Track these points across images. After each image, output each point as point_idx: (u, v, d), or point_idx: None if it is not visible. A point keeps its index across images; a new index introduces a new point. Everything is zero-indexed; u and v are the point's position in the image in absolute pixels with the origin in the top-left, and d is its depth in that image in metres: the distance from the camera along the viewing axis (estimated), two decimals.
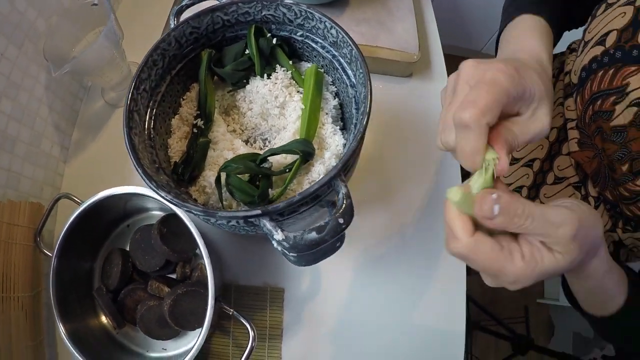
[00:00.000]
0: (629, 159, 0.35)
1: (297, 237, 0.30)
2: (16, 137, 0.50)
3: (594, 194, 0.42)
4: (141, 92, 0.39)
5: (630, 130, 0.34)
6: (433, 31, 0.60)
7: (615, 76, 0.35)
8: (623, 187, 0.36)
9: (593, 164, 0.40)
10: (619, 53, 0.34)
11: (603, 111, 0.36)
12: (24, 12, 0.50)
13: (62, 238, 0.45)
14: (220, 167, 0.36)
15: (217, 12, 0.41)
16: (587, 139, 0.40)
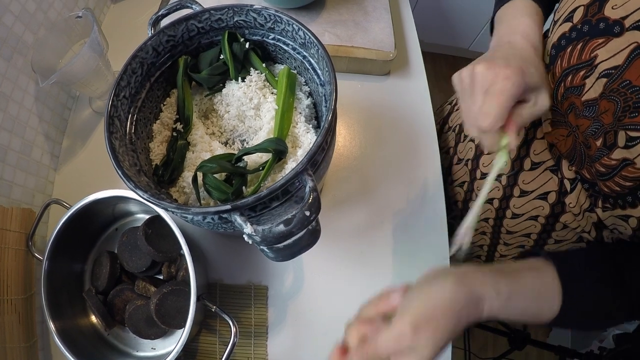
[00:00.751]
0: (602, 133, 0.35)
1: (266, 230, 0.32)
2: (7, 146, 0.52)
3: (569, 176, 0.43)
4: (121, 98, 0.41)
5: (601, 102, 0.34)
6: (410, 29, 0.63)
7: (583, 50, 0.36)
8: (599, 163, 0.36)
9: (568, 143, 0.41)
10: (586, 27, 0.35)
11: (574, 87, 0.37)
12: (11, 26, 0.53)
13: (52, 241, 0.48)
14: (197, 167, 0.39)
15: (192, 20, 0.44)
16: (561, 117, 0.41)
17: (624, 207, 0.36)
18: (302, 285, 0.49)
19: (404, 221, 0.53)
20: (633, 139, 0.32)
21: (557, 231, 0.49)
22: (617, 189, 0.36)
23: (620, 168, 0.34)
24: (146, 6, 0.69)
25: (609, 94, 0.34)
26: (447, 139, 0.61)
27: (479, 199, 0.37)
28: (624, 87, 0.32)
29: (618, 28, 0.32)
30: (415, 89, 0.59)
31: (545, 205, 0.47)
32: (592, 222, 0.44)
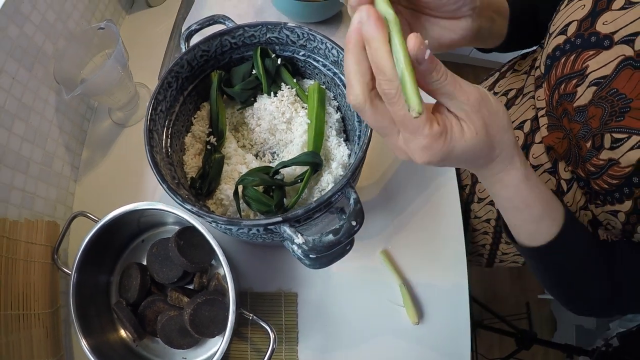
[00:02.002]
0: (591, 136, 0.39)
1: (316, 240, 0.35)
2: (29, 157, 0.54)
3: (566, 177, 0.47)
4: (158, 112, 0.43)
5: (590, 108, 0.39)
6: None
7: (576, 61, 0.40)
8: (589, 163, 0.41)
9: (564, 144, 0.45)
10: (579, 40, 0.40)
11: (567, 94, 0.41)
12: (32, 36, 0.54)
13: (81, 255, 0.49)
14: (237, 181, 0.41)
15: (226, 36, 0.46)
16: (556, 121, 0.45)
17: (612, 203, 0.40)
18: (330, 291, 0.52)
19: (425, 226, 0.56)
20: (617, 140, 0.37)
21: None
22: (606, 187, 0.40)
23: (607, 167, 0.39)
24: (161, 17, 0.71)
25: (598, 101, 0.38)
26: None
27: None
28: (611, 94, 0.37)
29: (608, 42, 0.37)
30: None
31: None
32: (588, 219, 0.48)
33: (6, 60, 0.50)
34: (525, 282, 1.26)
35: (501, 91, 0.58)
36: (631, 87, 0.36)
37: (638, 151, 0.35)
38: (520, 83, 0.56)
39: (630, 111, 0.36)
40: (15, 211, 0.51)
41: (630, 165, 0.36)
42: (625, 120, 0.36)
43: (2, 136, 0.49)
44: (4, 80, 0.50)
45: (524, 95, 0.53)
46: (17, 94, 0.52)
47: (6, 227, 0.48)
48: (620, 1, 0.37)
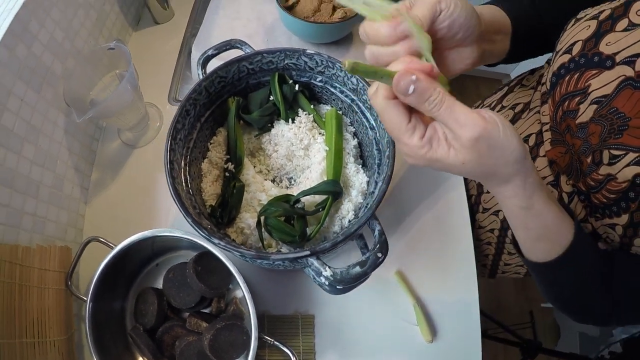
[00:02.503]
0: (591, 152, 0.41)
1: (344, 272, 0.36)
2: (40, 181, 0.53)
3: (567, 190, 0.49)
4: (177, 141, 0.44)
5: (591, 125, 0.41)
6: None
7: (579, 79, 0.42)
8: (589, 177, 0.43)
9: (566, 159, 0.47)
10: (583, 59, 0.42)
11: (570, 110, 0.43)
12: (40, 55, 0.54)
13: (96, 281, 0.49)
14: (260, 211, 0.42)
15: (243, 62, 0.47)
16: (559, 136, 0.47)
17: (610, 217, 0.42)
18: (347, 312, 0.53)
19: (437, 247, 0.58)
20: (615, 156, 0.39)
21: None
22: (605, 200, 0.42)
23: (605, 182, 0.41)
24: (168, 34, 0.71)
25: (598, 119, 0.40)
26: None
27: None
28: (611, 113, 0.39)
29: (610, 62, 0.39)
30: None
31: None
32: (588, 232, 0.50)
33: (15, 82, 0.50)
34: (529, 292, 1.28)
35: (509, 105, 0.60)
36: (630, 106, 0.38)
37: (634, 167, 0.37)
38: (527, 98, 0.57)
39: (628, 129, 0.38)
40: (26, 236, 0.50)
41: (627, 180, 0.38)
42: (623, 138, 0.38)
43: (11, 160, 0.49)
44: (12, 103, 0.49)
45: (530, 109, 0.55)
46: (26, 116, 0.52)
47: (19, 254, 0.48)
48: (623, 23, 0.39)
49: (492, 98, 0.66)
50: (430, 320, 0.54)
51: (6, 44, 0.48)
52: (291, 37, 0.62)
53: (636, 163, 0.37)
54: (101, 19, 0.65)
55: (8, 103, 0.48)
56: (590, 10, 0.44)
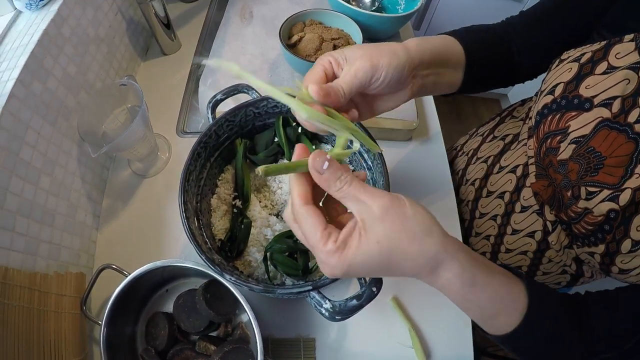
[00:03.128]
0: (570, 187, 0.45)
1: (342, 305, 0.40)
2: (55, 210, 0.57)
3: (550, 219, 0.52)
4: (190, 182, 0.48)
5: (570, 163, 0.44)
6: (428, 97, 0.72)
7: (560, 120, 0.45)
8: (570, 210, 0.46)
9: (549, 191, 0.50)
10: (564, 101, 0.45)
11: (552, 148, 0.47)
12: (55, 90, 0.57)
13: (110, 307, 0.53)
14: (266, 247, 0.46)
15: (250, 107, 0.51)
16: (543, 171, 0.51)
17: (589, 246, 0.46)
18: (346, 335, 0.57)
19: None
20: (591, 193, 0.42)
21: (543, 264, 0.59)
22: (583, 231, 0.46)
23: (583, 215, 0.44)
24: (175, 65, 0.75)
25: (576, 157, 0.44)
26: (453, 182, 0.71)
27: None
28: (589, 152, 0.42)
29: (588, 104, 0.43)
30: (435, 152, 0.68)
31: (533, 242, 0.57)
32: (572, 257, 0.55)
33: (32, 117, 0.53)
34: None
35: (500, 135, 0.64)
36: (606, 146, 0.41)
37: (608, 203, 0.41)
38: (517, 129, 0.61)
39: (604, 168, 0.41)
40: (43, 262, 0.54)
41: (602, 214, 0.42)
42: (599, 176, 0.42)
43: (29, 192, 0.52)
44: (30, 137, 0.53)
45: (519, 141, 0.59)
46: (42, 149, 0.55)
47: (37, 280, 0.51)
48: (603, 66, 0.42)
49: (485, 127, 0.70)
50: (425, 343, 0.58)
51: (22, 80, 0.51)
52: (294, 74, 0.66)
53: (610, 199, 0.41)
54: (111, 52, 0.68)
55: (26, 137, 0.52)
56: (572, 52, 0.47)
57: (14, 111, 0.49)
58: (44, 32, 0.53)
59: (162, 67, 0.74)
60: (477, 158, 0.66)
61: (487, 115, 1.90)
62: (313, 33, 0.64)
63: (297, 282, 0.47)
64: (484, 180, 0.63)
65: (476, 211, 0.64)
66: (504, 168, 0.60)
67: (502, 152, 0.61)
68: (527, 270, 0.62)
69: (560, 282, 0.63)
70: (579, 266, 0.57)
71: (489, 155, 0.64)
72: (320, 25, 0.67)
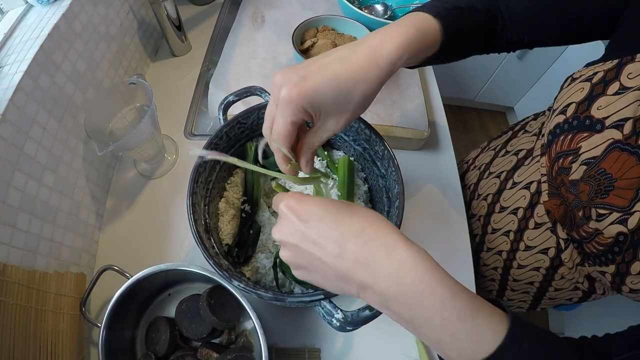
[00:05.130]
0: (582, 207, 0.44)
1: (354, 315, 0.38)
2: (58, 207, 0.54)
3: (563, 237, 0.51)
4: (199, 184, 0.45)
5: (581, 184, 0.43)
6: (438, 106, 0.70)
7: (572, 141, 0.44)
8: (581, 229, 0.45)
9: (561, 210, 0.49)
10: (575, 122, 0.44)
11: (564, 168, 0.45)
12: (63, 85, 0.55)
13: (110, 310, 0.50)
14: (276, 254, 0.43)
15: (262, 110, 0.49)
16: (555, 189, 0.49)
17: (600, 265, 0.45)
18: (352, 346, 0.54)
19: None
20: (601, 215, 0.41)
21: (556, 280, 0.58)
22: (594, 251, 0.44)
23: (594, 235, 0.43)
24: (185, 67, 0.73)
25: (587, 179, 0.42)
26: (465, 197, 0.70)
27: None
28: (599, 174, 0.41)
29: (600, 126, 0.41)
30: (444, 162, 0.66)
31: (546, 259, 0.56)
32: (584, 274, 0.53)
33: (38, 111, 0.51)
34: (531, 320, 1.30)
35: (512, 150, 0.62)
36: (617, 167, 0.40)
37: (617, 226, 0.40)
38: (530, 144, 0.60)
39: (614, 190, 0.40)
40: (43, 260, 0.51)
41: (612, 237, 0.41)
42: (609, 198, 0.40)
43: (32, 188, 0.50)
44: (35, 132, 0.50)
45: (532, 157, 0.57)
46: (47, 144, 0.53)
47: (36, 279, 0.49)
48: (615, 86, 0.40)
49: (497, 141, 0.68)
50: (432, 355, 0.56)
51: (30, 73, 0.49)
52: None
53: (619, 222, 0.40)
54: (121, 51, 0.66)
55: (31, 131, 0.50)
56: (584, 71, 0.45)
57: (20, 104, 0.47)
58: (54, 27, 0.51)
59: (172, 68, 0.73)
60: (490, 173, 0.64)
61: (493, 127, 1.89)
62: (326, 39, 0.62)
63: (306, 290, 0.45)
64: (497, 196, 0.61)
65: (488, 226, 0.63)
66: (518, 184, 0.58)
67: (516, 167, 0.60)
68: (539, 286, 0.60)
69: (572, 298, 0.61)
70: (591, 283, 0.55)
71: (502, 170, 0.62)
72: (333, 31, 0.66)
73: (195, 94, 0.69)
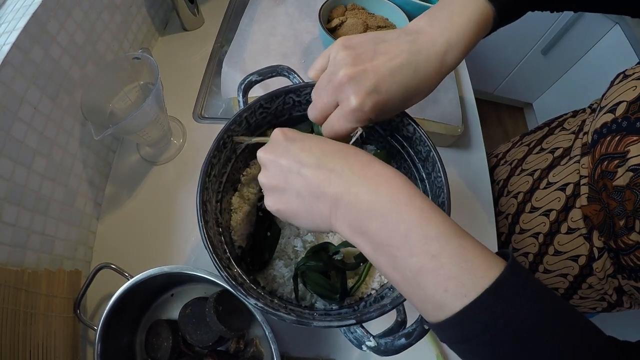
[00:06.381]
0: (625, 216, 0.39)
1: (388, 344, 0.31)
2: (50, 196, 0.47)
3: (598, 245, 0.46)
4: (211, 178, 0.38)
5: (626, 191, 0.38)
6: (470, 101, 0.63)
7: (620, 143, 0.39)
8: (620, 239, 0.41)
9: (600, 216, 0.44)
10: (625, 123, 0.39)
11: (608, 172, 0.41)
12: (58, 59, 0.48)
13: (107, 313, 0.44)
14: (298, 265, 0.37)
15: (291, 94, 0.41)
16: (595, 194, 0.44)
17: (636, 280, 0.41)
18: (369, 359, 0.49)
19: None
20: None
21: (582, 289, 0.53)
22: (632, 264, 0.40)
23: (635, 248, 0.39)
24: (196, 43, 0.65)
25: (633, 187, 0.38)
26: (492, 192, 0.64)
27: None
28: None
29: None
30: (475, 161, 0.59)
31: (575, 266, 0.51)
32: (614, 286, 0.48)
33: (28, 88, 0.44)
34: None
35: (548, 148, 0.57)
36: None
37: None
38: (567, 143, 0.54)
39: None
40: (33, 256, 0.45)
41: None
42: None
43: (20, 175, 0.43)
44: (24, 112, 0.43)
45: (570, 157, 0.52)
46: (39, 126, 0.46)
47: (25, 279, 0.42)
48: None
49: (531, 137, 0.62)
50: None
51: (20, 45, 0.42)
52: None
53: None
54: (127, 22, 0.58)
55: (19, 112, 0.43)
56: (638, 68, 0.41)
57: (7, 80, 0.40)
58: None
59: (182, 43, 0.64)
60: (522, 170, 0.58)
61: (510, 124, 1.80)
62: (356, 19, 0.54)
63: (329, 304, 0.38)
64: (529, 195, 0.55)
65: (516, 226, 0.57)
66: (553, 184, 0.52)
67: (551, 166, 0.54)
68: (564, 293, 0.55)
69: (596, 307, 0.57)
70: (620, 296, 0.51)
71: (535, 168, 0.56)
72: (364, 10, 0.57)
73: (207, 72, 0.61)
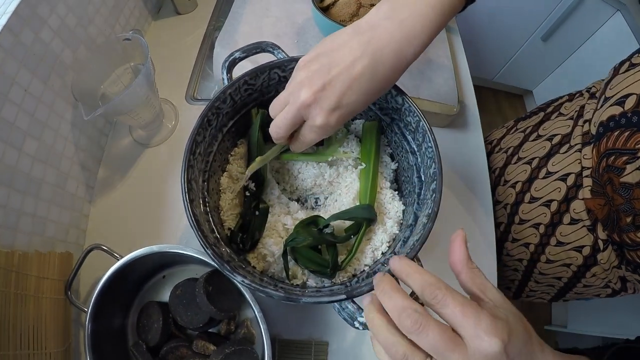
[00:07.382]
0: (632, 214, 0.37)
1: None
2: (41, 179, 0.46)
3: (602, 237, 0.44)
4: (197, 156, 0.36)
5: (636, 190, 0.36)
6: (467, 82, 0.60)
7: (630, 139, 0.37)
8: (626, 235, 0.39)
9: (604, 210, 0.42)
10: (636, 118, 0.36)
11: (615, 167, 0.38)
12: (49, 42, 0.46)
13: (97, 295, 0.42)
14: (287, 241, 0.35)
15: (275, 69, 0.39)
16: (599, 187, 0.42)
17: None
18: (363, 341, 0.47)
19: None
20: None
21: (586, 278, 0.51)
22: (637, 260, 0.39)
23: None
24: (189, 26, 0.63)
25: None
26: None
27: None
28: None
29: None
30: (472, 142, 0.57)
31: (579, 257, 0.49)
32: (619, 275, 0.47)
33: (19, 70, 0.42)
34: (534, 314, 1.24)
35: (546, 135, 0.54)
36: None
37: None
38: (565, 129, 0.51)
39: None
40: (24, 238, 0.44)
41: None
42: None
43: (11, 157, 0.42)
44: (15, 94, 0.42)
45: (570, 146, 0.49)
46: (30, 108, 0.44)
47: (15, 260, 0.41)
48: None
49: (526, 123, 0.59)
50: None
51: (11, 27, 0.41)
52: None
53: None
54: (119, 6, 0.56)
55: (10, 93, 0.41)
56: None
57: None
58: None
59: (175, 27, 0.62)
60: (519, 158, 0.55)
61: (509, 111, 1.75)
62: None
63: (321, 282, 0.36)
64: (527, 185, 0.53)
65: (515, 216, 0.54)
66: (552, 174, 0.50)
67: (550, 154, 0.51)
68: (567, 282, 0.53)
69: (600, 294, 0.54)
70: (624, 284, 0.49)
71: (533, 156, 0.53)
72: None
73: (200, 55, 0.59)
